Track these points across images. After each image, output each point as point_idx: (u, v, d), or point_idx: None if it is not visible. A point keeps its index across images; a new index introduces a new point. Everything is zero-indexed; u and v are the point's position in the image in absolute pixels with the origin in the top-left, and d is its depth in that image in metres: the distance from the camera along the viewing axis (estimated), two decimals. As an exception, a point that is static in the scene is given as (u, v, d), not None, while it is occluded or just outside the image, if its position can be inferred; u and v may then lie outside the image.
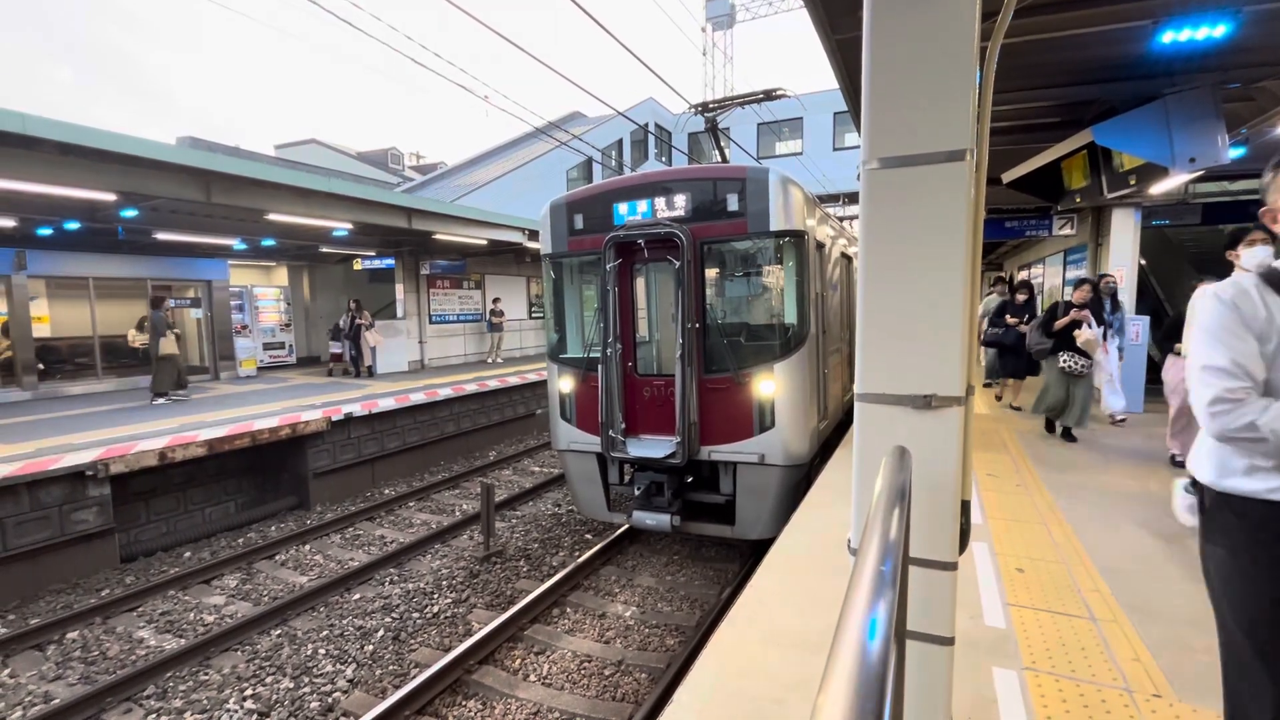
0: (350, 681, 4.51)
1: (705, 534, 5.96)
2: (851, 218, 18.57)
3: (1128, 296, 8.68)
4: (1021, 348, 7.77)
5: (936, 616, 1.77)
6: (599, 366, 5.76)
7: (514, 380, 12.63)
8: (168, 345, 10.15)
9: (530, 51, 7.34)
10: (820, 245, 6.03)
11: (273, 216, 9.41)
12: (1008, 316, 8.35)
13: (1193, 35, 4.06)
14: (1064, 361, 6.46)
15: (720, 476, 5.72)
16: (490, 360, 16.21)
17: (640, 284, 6.11)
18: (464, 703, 4.24)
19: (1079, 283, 6.77)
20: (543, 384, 12.86)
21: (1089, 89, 5.36)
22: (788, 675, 2.79)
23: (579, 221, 5.97)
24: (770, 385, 5.32)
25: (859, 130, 2.32)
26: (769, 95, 6.83)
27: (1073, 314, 6.46)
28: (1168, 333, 5.83)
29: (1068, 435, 6.75)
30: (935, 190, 1.69)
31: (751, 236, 5.41)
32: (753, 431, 5.40)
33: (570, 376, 6.15)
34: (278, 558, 6.80)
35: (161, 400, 10.05)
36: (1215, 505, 1.69)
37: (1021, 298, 8.62)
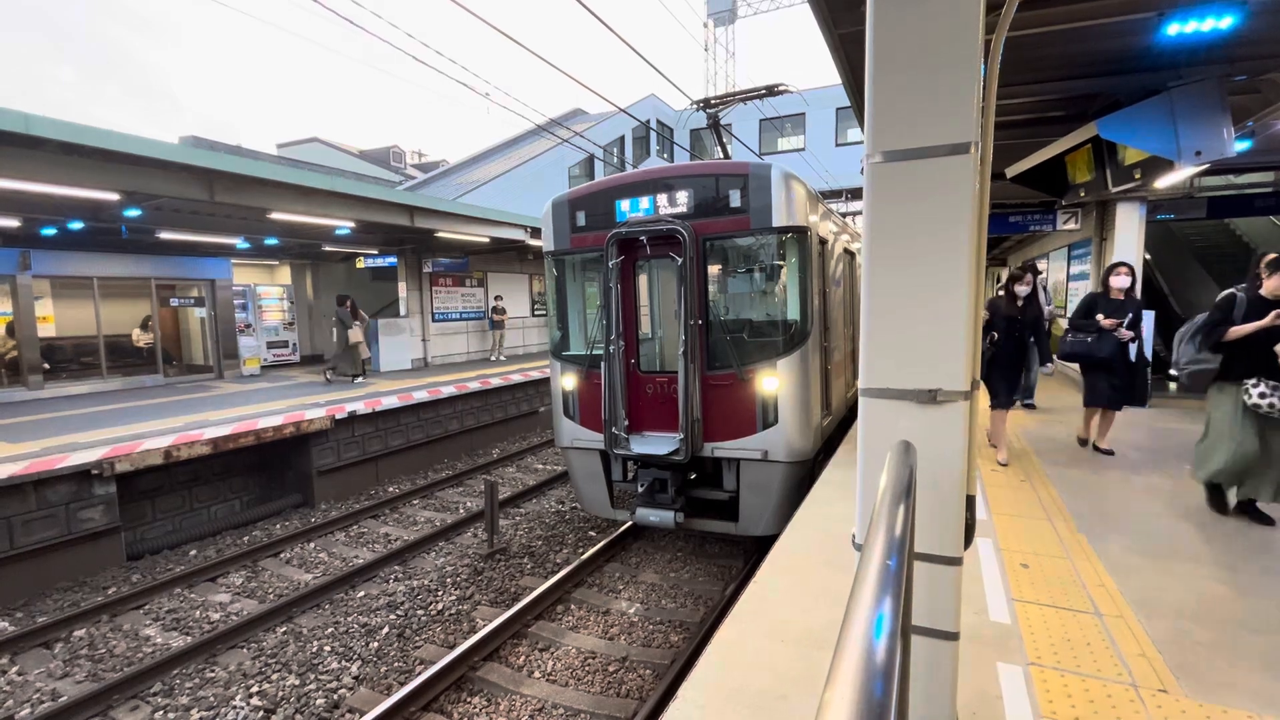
0: (355, 678, 4.53)
1: (709, 531, 5.96)
2: (854, 213, 18.52)
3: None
4: (1120, 363, 5.53)
5: (941, 612, 1.77)
6: (602, 364, 5.76)
7: (517, 378, 12.65)
8: (355, 335, 11.88)
9: (532, 48, 7.33)
10: (823, 241, 6.01)
11: (275, 215, 9.42)
12: (1100, 317, 5.63)
13: (1198, 27, 4.02)
14: (1258, 395, 3.94)
15: (724, 473, 5.72)
16: (494, 358, 16.24)
17: (643, 281, 6.11)
18: (469, 699, 4.25)
19: (1276, 265, 4.10)
20: (545, 381, 12.88)
21: (1093, 82, 5.32)
22: (792, 671, 2.79)
23: (581, 219, 5.97)
24: (773, 382, 5.32)
25: (862, 125, 2.31)
26: (771, 91, 6.81)
27: (1273, 317, 3.92)
28: None
29: (1254, 513, 4.26)
30: (939, 184, 1.69)
31: (754, 233, 5.40)
32: (756, 428, 5.39)
33: (573, 374, 6.15)
34: (283, 555, 6.83)
35: (343, 379, 12.00)
36: None
37: (1120, 285, 5.69)
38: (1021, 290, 5.90)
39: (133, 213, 8.94)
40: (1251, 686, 2.54)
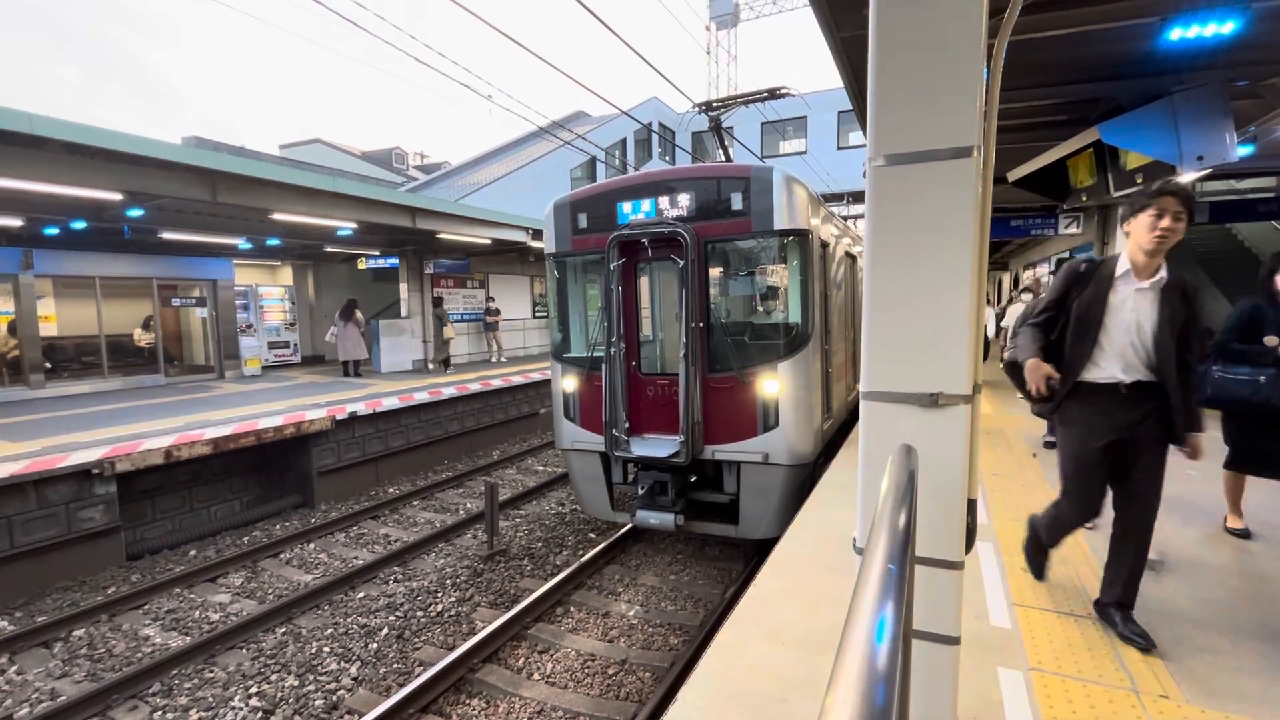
0: (355, 679, 4.52)
1: (709, 533, 5.95)
2: (856, 217, 18.53)
3: None
4: None
5: (942, 616, 1.76)
6: (603, 366, 5.76)
7: (517, 379, 12.65)
8: (448, 332, 14.18)
9: (534, 50, 7.35)
10: (824, 244, 6.01)
11: (277, 216, 9.44)
12: (1273, 339, 3.58)
13: (1201, 32, 4.03)
14: None
15: (724, 476, 5.71)
16: (493, 360, 16.26)
17: (644, 283, 6.11)
18: (468, 701, 4.24)
19: None
20: (546, 383, 12.88)
21: (1096, 86, 5.33)
22: (792, 674, 2.78)
23: (583, 221, 5.97)
24: (774, 384, 5.31)
25: (864, 129, 2.31)
26: (773, 94, 6.82)
27: None
28: None
29: None
30: (942, 187, 1.68)
31: (756, 235, 5.40)
32: (756, 431, 5.39)
33: (574, 376, 6.15)
34: (282, 556, 6.82)
35: (446, 369, 14.11)
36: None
37: None
38: None
39: (135, 213, 8.96)
40: (1253, 692, 2.53)
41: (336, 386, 11.60)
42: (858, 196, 20.06)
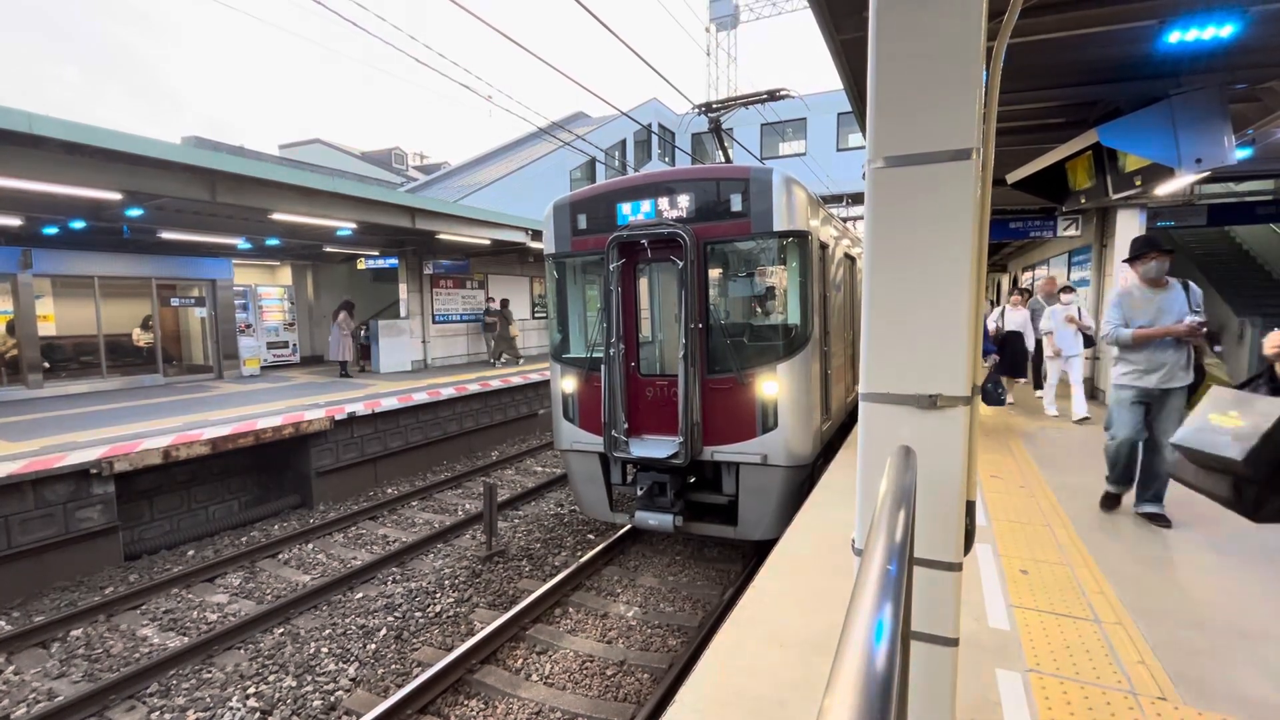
0: (353, 680, 4.52)
1: (708, 535, 5.95)
2: (855, 218, 18.55)
3: None
4: None
5: (941, 617, 1.76)
6: (602, 366, 5.76)
7: (516, 380, 12.64)
8: (513, 330, 15.30)
9: (534, 51, 7.35)
10: (824, 246, 6.02)
11: (277, 216, 9.44)
12: None
13: (1199, 35, 4.03)
14: None
15: (723, 477, 5.71)
16: (492, 361, 16.26)
17: (643, 284, 6.11)
18: (466, 702, 4.24)
19: None
20: (545, 384, 12.88)
21: (1094, 89, 5.33)
22: (790, 675, 2.78)
23: (582, 221, 5.98)
24: (773, 386, 5.32)
25: (863, 131, 2.31)
26: (773, 96, 6.83)
27: None
28: None
29: None
30: (941, 189, 1.69)
31: (755, 237, 5.41)
32: (755, 432, 5.39)
33: (573, 376, 6.15)
34: (280, 556, 6.81)
35: (497, 362, 15.16)
36: None
37: None
38: None
39: (134, 212, 8.95)
40: (1250, 695, 2.53)
41: (335, 387, 11.59)
42: (857, 198, 20.09)
